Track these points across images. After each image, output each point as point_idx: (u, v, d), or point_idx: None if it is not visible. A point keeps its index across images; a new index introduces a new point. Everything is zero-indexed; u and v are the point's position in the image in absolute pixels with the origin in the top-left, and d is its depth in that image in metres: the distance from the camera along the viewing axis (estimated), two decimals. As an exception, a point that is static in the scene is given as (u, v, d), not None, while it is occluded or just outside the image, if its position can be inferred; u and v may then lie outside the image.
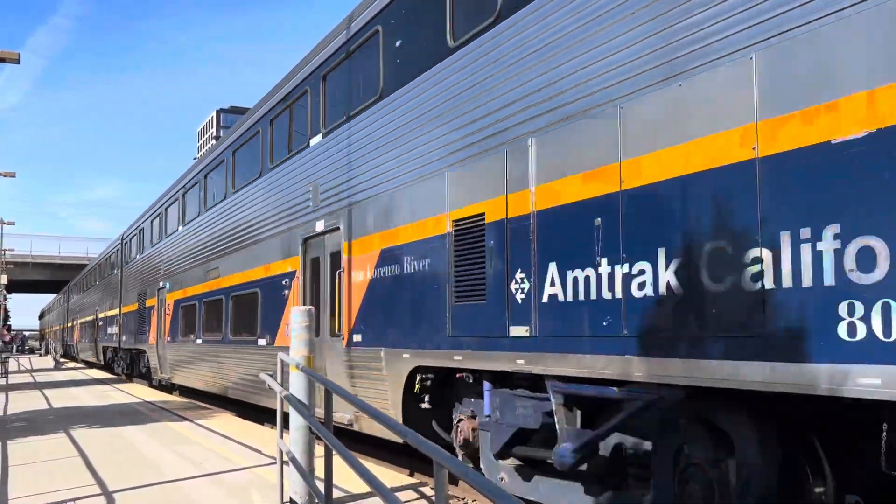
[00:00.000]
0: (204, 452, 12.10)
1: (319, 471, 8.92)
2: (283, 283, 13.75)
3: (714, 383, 5.67)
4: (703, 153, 6.00)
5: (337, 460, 8.88)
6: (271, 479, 9.65)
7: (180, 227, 20.85)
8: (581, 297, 7.02)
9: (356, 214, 11.23)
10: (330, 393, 8.17)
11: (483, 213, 8.40)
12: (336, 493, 8.71)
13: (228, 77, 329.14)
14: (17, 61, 26.73)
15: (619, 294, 6.60)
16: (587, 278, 6.95)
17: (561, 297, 7.26)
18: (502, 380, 8.49)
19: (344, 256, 11.48)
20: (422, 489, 9.02)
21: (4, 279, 56.98)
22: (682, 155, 6.20)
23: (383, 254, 10.40)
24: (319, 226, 12.34)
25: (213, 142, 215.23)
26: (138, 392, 24.71)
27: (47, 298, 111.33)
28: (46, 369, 43.64)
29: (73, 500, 9.03)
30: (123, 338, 30.37)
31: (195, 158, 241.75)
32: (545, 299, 7.40)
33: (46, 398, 22.81)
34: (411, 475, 12.49)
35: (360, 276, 11.04)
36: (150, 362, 24.92)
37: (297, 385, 8.61)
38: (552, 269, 7.38)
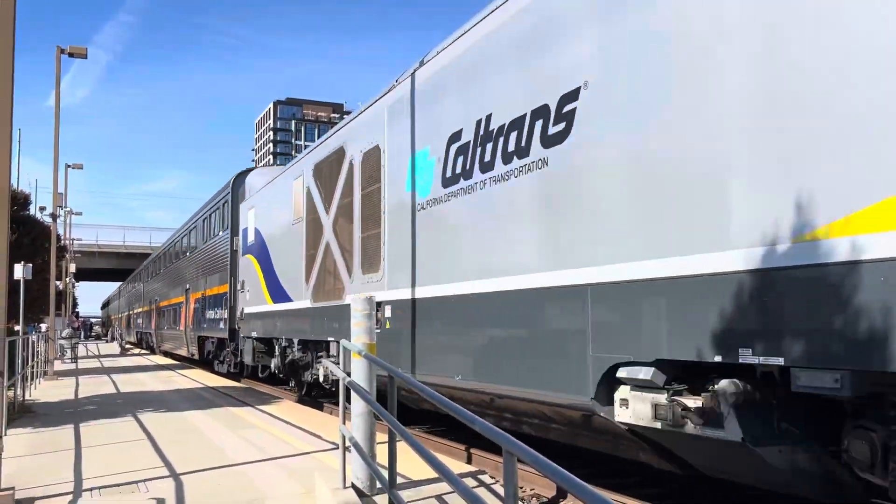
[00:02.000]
0: (266, 437, 12.21)
1: (380, 457, 8.93)
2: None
3: None
4: None
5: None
6: (333, 464, 9.71)
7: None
8: None
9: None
10: (393, 379, 8.20)
11: None
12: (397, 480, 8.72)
13: (284, 68, 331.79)
14: (85, 56, 27.19)
15: None
16: None
17: None
18: None
19: None
20: (481, 476, 8.99)
21: (73, 268, 58.30)
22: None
23: None
24: None
25: (271, 133, 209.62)
26: (201, 377, 25.03)
27: (110, 287, 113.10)
28: (112, 355, 44.67)
29: (144, 481, 9.17)
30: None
31: (252, 150, 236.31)
32: None
33: (114, 383, 23.28)
34: (468, 462, 12.50)
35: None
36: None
37: (359, 371, 8.61)
38: None
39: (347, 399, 8.85)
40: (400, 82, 12.28)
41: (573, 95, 8.06)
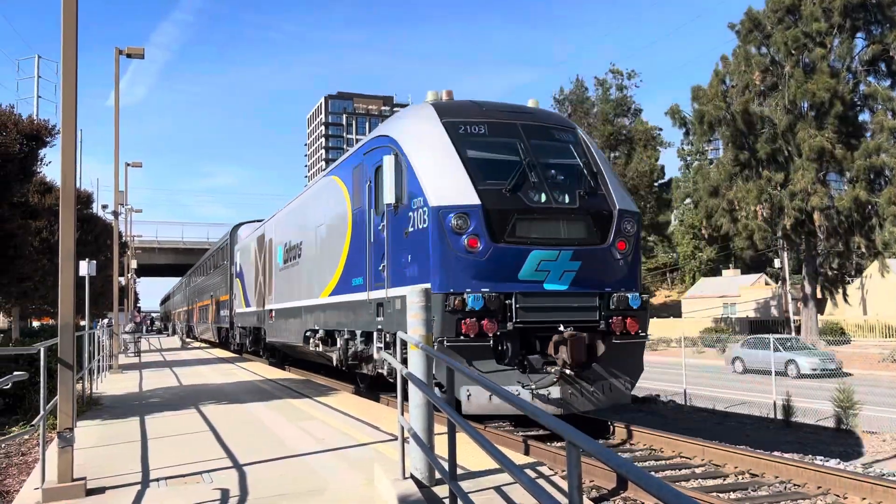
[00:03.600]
0: (325, 428, 12.29)
1: (438, 448, 8.94)
2: None
3: None
4: None
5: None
6: (392, 455, 9.73)
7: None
8: None
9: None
10: (452, 371, 8.18)
11: None
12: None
13: (335, 63, 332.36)
14: (142, 56, 27.55)
15: None
16: None
17: None
18: None
19: None
20: (540, 468, 8.96)
21: (134, 264, 59.32)
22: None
23: None
24: None
25: (323, 128, 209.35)
26: (261, 370, 25.26)
27: (170, 282, 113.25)
28: (174, 349, 44.63)
29: (208, 471, 9.29)
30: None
31: (305, 145, 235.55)
32: None
33: (176, 376, 23.48)
34: (526, 453, 12.44)
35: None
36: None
37: (417, 363, 8.57)
38: None
39: (405, 390, 8.88)
40: (275, 215, 27.07)
41: (300, 235, 21.56)
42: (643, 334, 13.94)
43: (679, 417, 20.63)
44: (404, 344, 11.22)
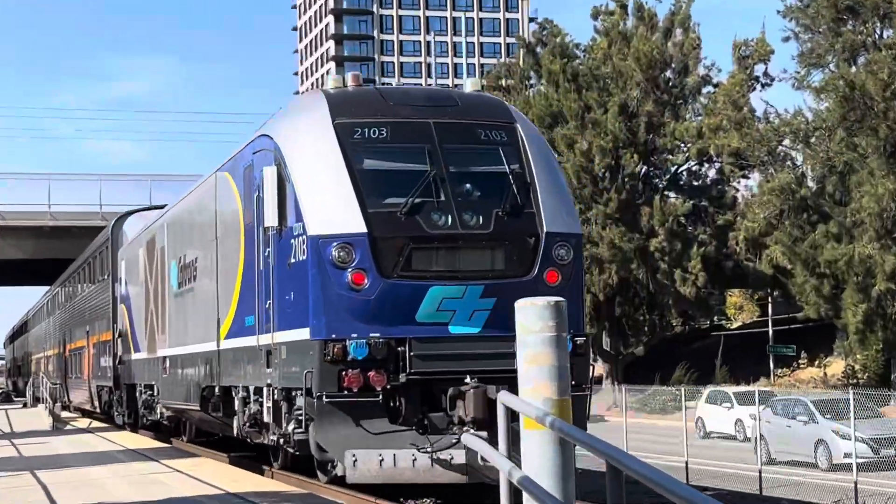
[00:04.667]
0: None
1: None
2: None
3: None
4: None
5: None
6: None
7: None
8: None
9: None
10: (620, 474, 4.49)
11: None
12: None
13: None
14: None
15: None
16: None
17: None
18: None
19: None
20: None
21: None
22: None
23: None
24: None
25: (330, 19, 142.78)
26: (212, 474, 14.47)
27: (27, 296, 72.52)
28: (38, 433, 25.58)
29: None
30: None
31: (294, 28, 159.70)
32: None
33: (47, 491, 13.03)
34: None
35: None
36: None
37: (541, 455, 4.75)
38: None
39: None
40: (169, 210, 20.31)
41: (195, 249, 17.11)
42: (582, 385, 11.50)
43: None
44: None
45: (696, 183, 44.85)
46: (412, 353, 11.13)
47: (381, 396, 11.07)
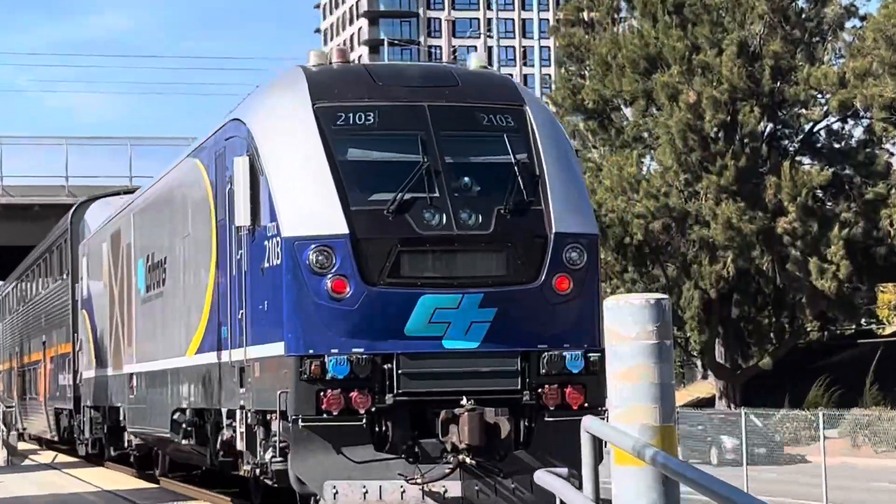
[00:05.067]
0: None
1: None
2: None
3: None
4: None
5: None
6: None
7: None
8: None
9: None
10: None
11: None
12: None
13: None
14: None
15: None
16: None
17: None
18: None
19: None
20: None
21: None
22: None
23: None
24: None
25: None
26: None
27: None
28: None
29: None
30: None
31: (316, 6, 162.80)
32: None
33: None
34: None
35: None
36: None
37: (638, 498, 4.84)
38: None
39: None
40: (135, 199, 21.64)
41: (165, 246, 18.41)
42: (597, 408, 12.10)
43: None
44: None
45: (837, 145, 43.82)
46: (400, 371, 12.03)
47: (364, 420, 11.98)
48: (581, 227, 12.96)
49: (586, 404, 12.36)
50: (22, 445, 33.30)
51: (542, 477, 5.86)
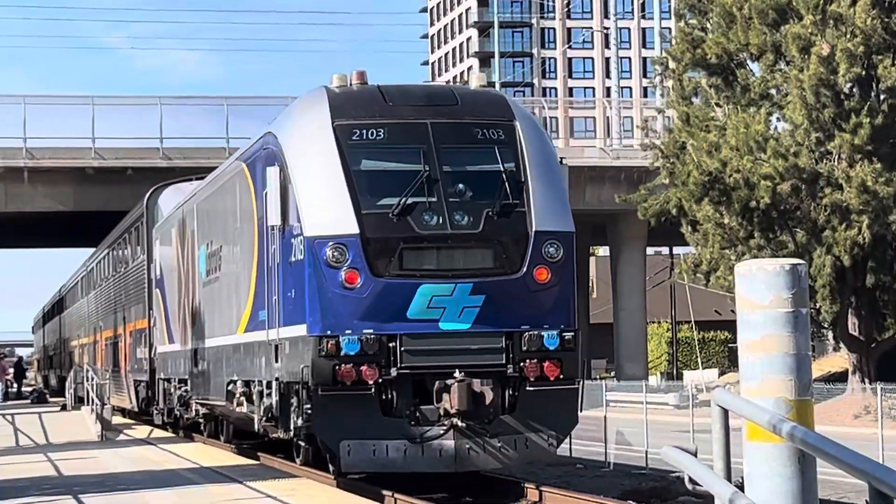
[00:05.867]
0: None
1: None
2: None
3: None
4: None
5: None
6: None
7: None
8: None
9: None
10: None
11: None
12: None
13: None
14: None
15: None
16: None
17: None
18: None
19: None
20: None
21: None
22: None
23: None
24: None
25: None
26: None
27: (63, 264, 71.68)
28: (79, 444, 26.35)
29: None
30: None
31: (423, 8, 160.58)
32: None
33: None
34: None
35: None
36: None
37: (772, 476, 4.80)
38: None
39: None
40: (199, 189, 24.71)
41: (220, 237, 21.75)
42: (571, 379, 15.88)
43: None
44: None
45: None
46: (403, 349, 15.13)
47: (373, 390, 15.04)
48: (558, 225, 15.87)
49: (562, 376, 15.54)
50: (116, 420, 34.01)
51: (669, 453, 5.80)
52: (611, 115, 68.59)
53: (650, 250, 67.89)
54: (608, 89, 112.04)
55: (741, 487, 4.86)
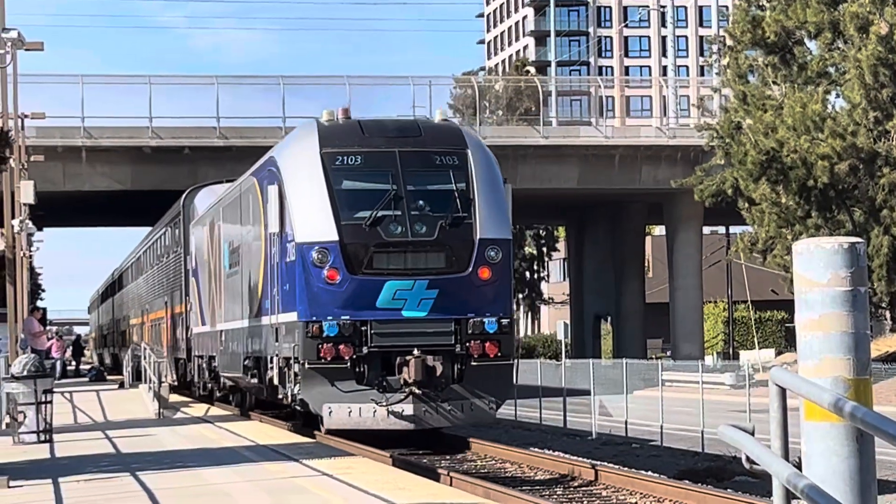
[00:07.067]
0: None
1: None
2: None
3: None
4: None
5: None
6: None
7: None
8: None
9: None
10: None
11: None
12: None
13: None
14: None
15: None
16: None
17: None
18: None
19: None
20: None
21: (30, 192, 32.48)
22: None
23: None
24: None
25: None
26: (368, 480, 14.40)
27: (118, 244, 78.52)
28: (137, 421, 26.96)
29: None
30: None
31: (479, 14, 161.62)
32: None
33: (153, 499, 13.36)
34: None
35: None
36: None
37: (829, 456, 4.64)
38: None
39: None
40: (223, 196, 29.19)
41: (240, 236, 26.04)
42: (508, 357, 20.07)
43: None
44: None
45: None
46: (373, 332, 19.16)
47: (349, 364, 19.17)
48: (498, 234, 19.89)
49: (500, 354, 19.65)
50: (174, 398, 34.29)
51: (726, 432, 5.73)
52: (667, 94, 68.20)
53: (706, 229, 67.47)
54: (664, 68, 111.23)
55: (798, 467, 4.82)
